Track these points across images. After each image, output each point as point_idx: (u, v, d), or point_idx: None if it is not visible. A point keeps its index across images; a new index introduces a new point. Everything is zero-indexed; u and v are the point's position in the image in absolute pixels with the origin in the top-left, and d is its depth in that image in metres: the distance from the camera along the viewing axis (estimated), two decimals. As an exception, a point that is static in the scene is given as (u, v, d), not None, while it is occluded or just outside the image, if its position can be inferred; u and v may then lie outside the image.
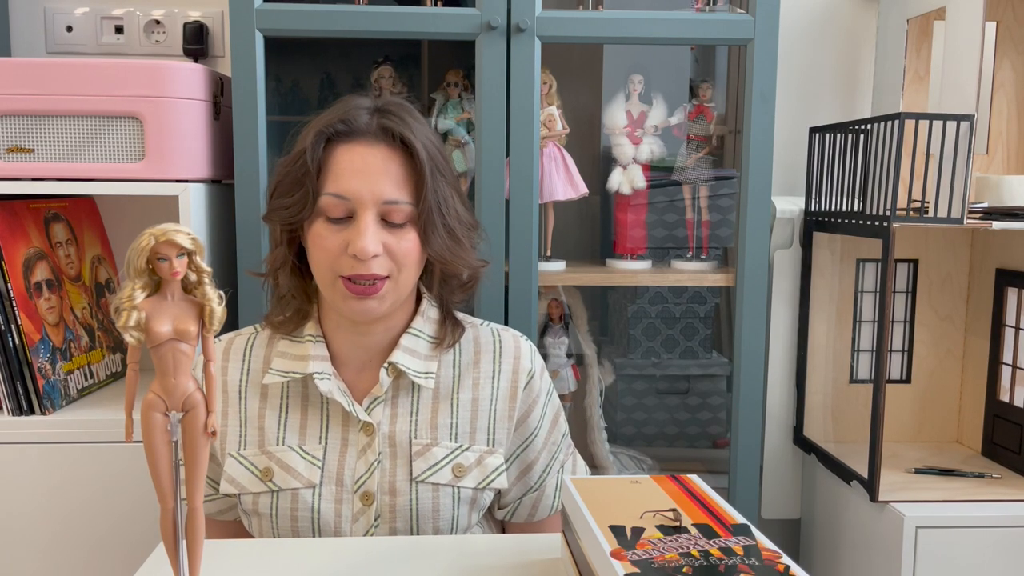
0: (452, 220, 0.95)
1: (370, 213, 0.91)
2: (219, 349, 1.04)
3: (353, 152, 0.93)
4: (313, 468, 0.97)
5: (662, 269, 1.60)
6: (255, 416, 1.00)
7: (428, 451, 0.98)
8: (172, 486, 0.67)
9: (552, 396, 1.09)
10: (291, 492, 0.97)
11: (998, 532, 1.32)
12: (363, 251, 0.90)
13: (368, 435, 0.98)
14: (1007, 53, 1.61)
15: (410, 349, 1.00)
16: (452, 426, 1.00)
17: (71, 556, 1.35)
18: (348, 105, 0.96)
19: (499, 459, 1.02)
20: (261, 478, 0.98)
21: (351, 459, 0.98)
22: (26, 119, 1.33)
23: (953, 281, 1.64)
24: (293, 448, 0.98)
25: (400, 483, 0.97)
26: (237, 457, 0.99)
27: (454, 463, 0.99)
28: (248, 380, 1.02)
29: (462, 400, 1.01)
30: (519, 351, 1.05)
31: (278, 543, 0.92)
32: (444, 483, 0.98)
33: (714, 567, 0.63)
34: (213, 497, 1.06)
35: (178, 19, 1.68)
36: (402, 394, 1.00)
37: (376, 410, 0.99)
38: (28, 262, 1.36)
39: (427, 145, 0.94)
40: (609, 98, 1.60)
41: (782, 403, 1.69)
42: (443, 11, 1.41)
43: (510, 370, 1.04)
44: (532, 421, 1.05)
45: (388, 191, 0.92)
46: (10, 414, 1.34)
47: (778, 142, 1.71)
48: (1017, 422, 1.48)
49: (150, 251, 0.63)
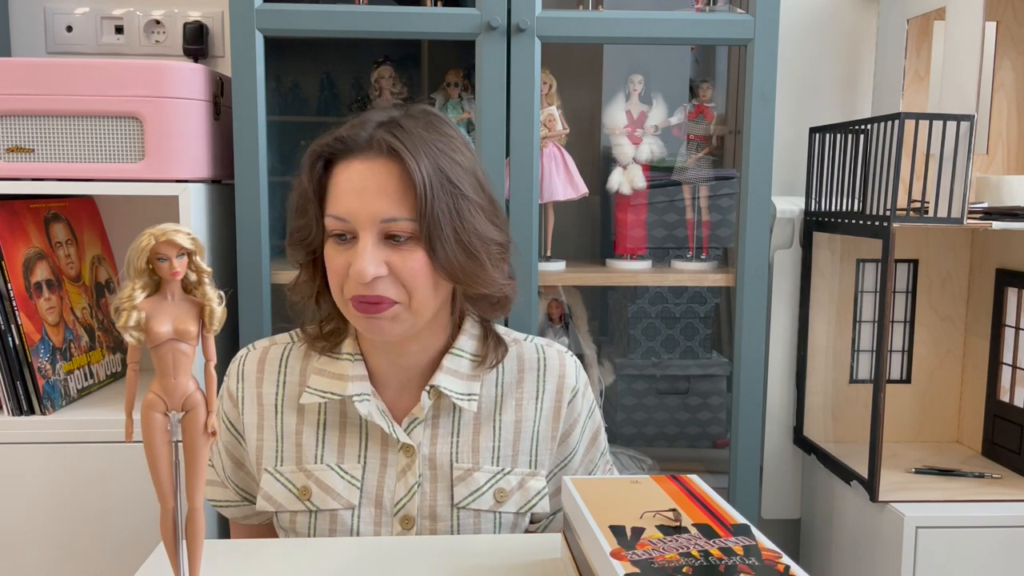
0: (468, 236, 0.89)
1: (369, 233, 0.87)
2: (254, 359, 1.01)
3: (351, 170, 0.89)
4: (352, 488, 0.95)
5: (662, 269, 1.60)
6: (292, 432, 0.98)
7: (470, 476, 0.96)
8: (172, 486, 0.67)
9: (594, 414, 1.06)
10: (329, 513, 0.95)
11: (998, 532, 1.32)
12: (360, 274, 0.86)
13: (408, 456, 0.96)
14: (1007, 53, 1.61)
15: (452, 370, 0.97)
16: (494, 449, 0.98)
17: (71, 556, 1.35)
18: (362, 118, 0.92)
19: (541, 482, 1.00)
20: (299, 496, 0.96)
21: (390, 480, 0.96)
22: (26, 119, 1.33)
23: (953, 281, 1.64)
24: (332, 467, 0.96)
25: (441, 508, 0.96)
26: (274, 473, 0.97)
27: (496, 488, 0.97)
28: (285, 394, 0.99)
29: (504, 422, 0.99)
30: (564, 369, 1.02)
31: (278, 543, 0.92)
32: (486, 509, 0.96)
33: (714, 567, 0.63)
34: (236, 503, 1.05)
35: (178, 19, 1.68)
36: (443, 415, 0.98)
37: (416, 431, 0.96)
38: (28, 262, 1.36)
39: (436, 157, 0.88)
40: (609, 98, 1.60)
41: (782, 403, 1.69)
42: (443, 11, 1.41)
43: (554, 389, 1.01)
44: (572, 440, 1.03)
45: (385, 209, 0.87)
46: (10, 414, 1.34)
47: (778, 142, 1.71)
48: (1017, 422, 1.48)
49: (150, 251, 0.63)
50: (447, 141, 0.91)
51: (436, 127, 0.92)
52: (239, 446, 1.02)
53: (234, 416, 1.01)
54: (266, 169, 1.40)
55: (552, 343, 1.05)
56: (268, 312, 1.42)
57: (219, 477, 1.05)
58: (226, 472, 1.04)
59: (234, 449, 1.03)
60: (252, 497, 1.05)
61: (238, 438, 1.02)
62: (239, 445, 1.02)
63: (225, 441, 1.03)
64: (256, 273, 1.41)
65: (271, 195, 1.43)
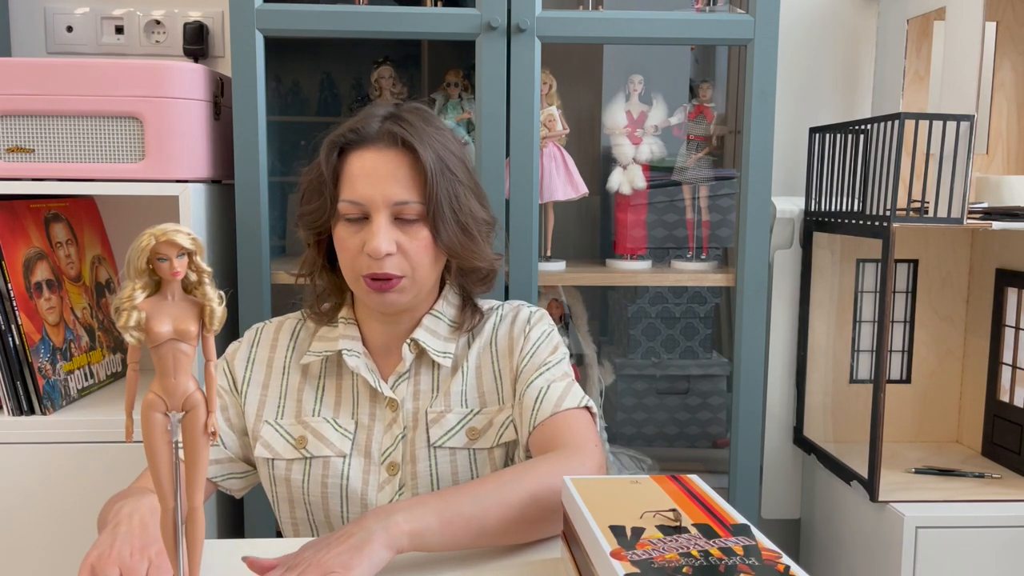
0: (465, 217, 1.01)
1: (382, 215, 0.98)
2: (271, 329, 1.12)
3: (364, 158, 0.99)
4: (344, 439, 1.04)
5: (662, 269, 1.60)
6: (295, 390, 1.08)
7: (443, 417, 1.04)
8: (172, 486, 0.67)
9: (551, 336, 1.09)
10: (323, 460, 1.03)
11: (998, 532, 1.32)
12: (376, 250, 0.96)
13: (393, 411, 1.05)
14: (1007, 53, 1.61)
15: (431, 329, 1.07)
16: (462, 393, 1.06)
17: (71, 556, 1.35)
18: (365, 113, 1.03)
19: (507, 412, 1.05)
20: (296, 446, 1.04)
21: (378, 433, 1.05)
22: (26, 119, 1.33)
23: (953, 281, 1.64)
24: (327, 420, 1.05)
25: (419, 450, 1.04)
26: (274, 424, 1.06)
27: (467, 427, 1.04)
28: (292, 359, 1.10)
29: (470, 367, 1.08)
30: (517, 314, 1.11)
31: (278, 543, 0.92)
32: (460, 447, 1.04)
33: (714, 567, 0.63)
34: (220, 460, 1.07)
35: (178, 19, 1.68)
36: (423, 371, 1.07)
37: (400, 387, 1.06)
38: (28, 262, 1.36)
39: (436, 148, 1.00)
40: (609, 98, 1.60)
41: (782, 403, 1.69)
42: (443, 11, 1.41)
43: (507, 332, 1.09)
44: (525, 350, 1.07)
45: (397, 193, 0.98)
46: (10, 414, 1.34)
47: (778, 142, 1.71)
48: (1017, 422, 1.48)
49: (150, 251, 0.63)
50: (441, 133, 1.03)
51: (431, 121, 1.03)
52: (236, 402, 1.09)
53: (240, 375, 1.09)
54: (266, 169, 1.40)
55: (522, 303, 1.14)
56: (268, 312, 1.42)
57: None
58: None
59: (228, 399, 1.09)
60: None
61: (234, 394, 1.09)
62: (236, 401, 1.09)
63: (218, 401, 1.08)
64: (256, 273, 1.41)
65: (271, 195, 1.43)
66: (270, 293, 1.42)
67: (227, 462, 1.07)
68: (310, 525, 1.07)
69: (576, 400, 1.02)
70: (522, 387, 1.04)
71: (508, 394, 1.07)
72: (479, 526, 0.84)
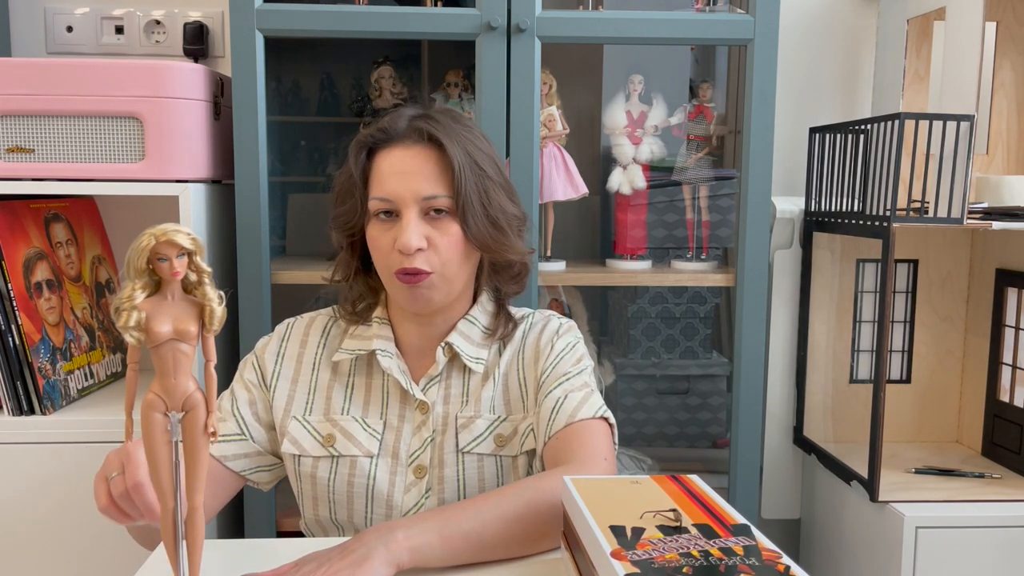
0: (495, 211, 1.02)
1: (412, 210, 0.99)
2: (302, 324, 1.12)
3: (392, 156, 1.01)
4: (372, 440, 1.04)
5: (662, 269, 1.60)
6: (324, 387, 1.08)
7: (472, 423, 1.05)
8: (172, 486, 0.67)
9: (576, 348, 1.10)
10: (350, 459, 1.04)
11: (998, 532, 1.32)
12: (406, 245, 0.97)
13: (423, 413, 1.05)
14: (1007, 53, 1.61)
15: (465, 334, 1.08)
16: (491, 399, 1.07)
17: (71, 556, 1.35)
18: (394, 114, 1.04)
19: (529, 421, 1.06)
20: (323, 444, 1.05)
21: (407, 435, 1.05)
22: (26, 119, 1.33)
23: (953, 281, 1.64)
24: (356, 419, 1.06)
25: (447, 455, 1.04)
26: (302, 421, 1.06)
27: (495, 433, 1.05)
28: (323, 355, 1.10)
29: (499, 374, 1.08)
30: (547, 324, 1.12)
31: (278, 543, 0.93)
32: (488, 453, 1.04)
33: (714, 567, 0.63)
34: (238, 438, 1.05)
35: (178, 19, 1.68)
36: (455, 376, 1.08)
37: (431, 390, 1.06)
38: (28, 262, 1.36)
39: (464, 143, 1.01)
40: (609, 98, 1.60)
41: (782, 403, 1.69)
42: (443, 11, 1.41)
43: (534, 341, 1.10)
44: (549, 361, 1.08)
45: (426, 188, 0.99)
46: (10, 414, 1.34)
47: (778, 142, 1.71)
48: (1017, 422, 1.48)
49: (150, 251, 0.63)
50: (470, 131, 1.04)
51: (460, 120, 1.05)
52: (264, 397, 1.08)
53: (269, 369, 1.09)
54: (266, 169, 1.40)
55: (552, 313, 1.15)
56: (268, 312, 1.42)
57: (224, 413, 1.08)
58: (236, 406, 1.07)
59: (257, 393, 1.08)
60: (251, 434, 1.07)
61: (263, 389, 1.09)
62: (265, 396, 1.08)
63: (246, 396, 1.07)
64: (256, 273, 1.41)
65: (271, 195, 1.43)
66: (270, 293, 1.42)
67: (255, 455, 1.07)
68: (333, 524, 1.06)
69: (592, 410, 1.01)
70: (541, 397, 1.05)
71: (531, 403, 1.07)
72: (479, 542, 0.85)
